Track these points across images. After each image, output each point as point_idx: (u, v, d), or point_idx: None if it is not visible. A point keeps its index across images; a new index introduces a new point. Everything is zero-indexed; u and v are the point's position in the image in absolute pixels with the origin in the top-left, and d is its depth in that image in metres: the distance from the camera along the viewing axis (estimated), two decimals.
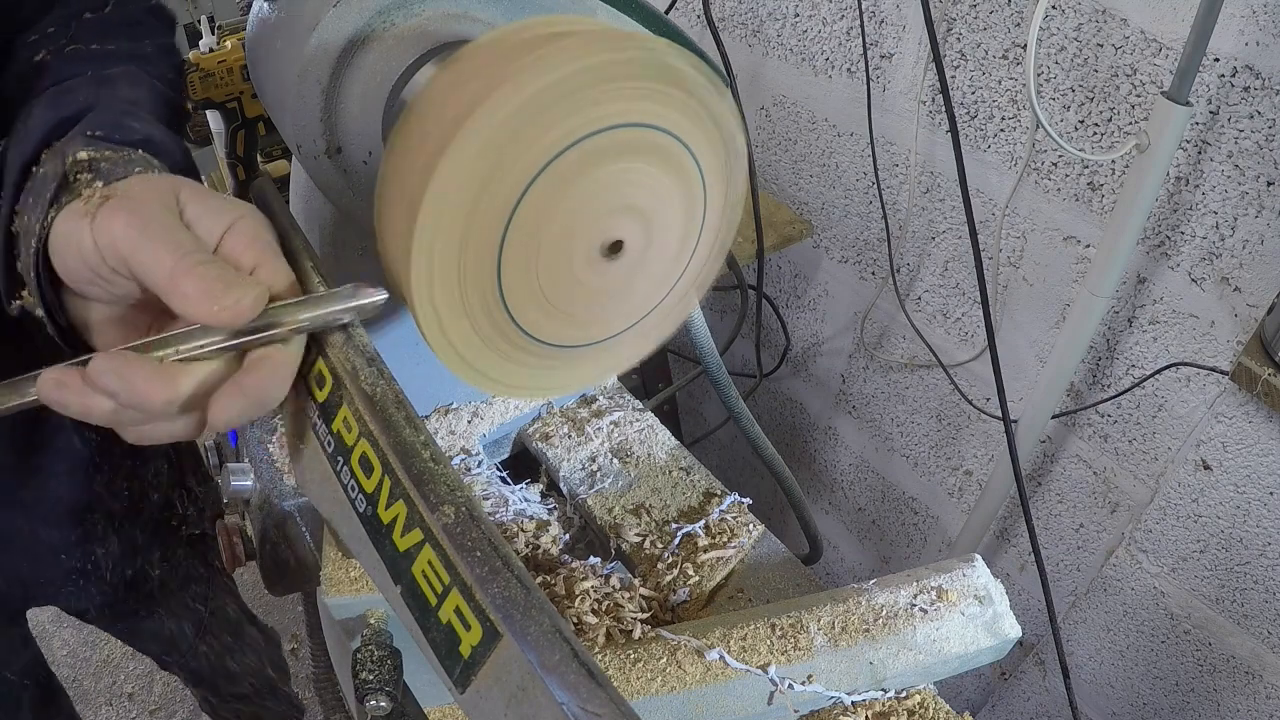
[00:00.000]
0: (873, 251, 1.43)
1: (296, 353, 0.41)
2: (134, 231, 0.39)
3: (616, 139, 0.39)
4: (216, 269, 0.38)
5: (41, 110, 0.52)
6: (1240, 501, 1.01)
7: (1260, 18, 0.84)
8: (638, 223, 0.43)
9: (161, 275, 0.38)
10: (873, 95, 1.27)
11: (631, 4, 0.56)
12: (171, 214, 0.41)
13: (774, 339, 1.69)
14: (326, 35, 0.48)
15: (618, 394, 0.82)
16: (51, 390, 0.38)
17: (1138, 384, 1.11)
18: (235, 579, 1.30)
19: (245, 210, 0.43)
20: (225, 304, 0.37)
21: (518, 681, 0.33)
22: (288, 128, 0.51)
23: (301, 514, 0.73)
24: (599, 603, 0.62)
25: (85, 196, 0.42)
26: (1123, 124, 1.00)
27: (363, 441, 0.39)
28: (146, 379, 0.37)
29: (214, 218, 0.42)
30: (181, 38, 1.48)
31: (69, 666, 1.99)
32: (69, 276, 0.43)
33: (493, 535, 0.36)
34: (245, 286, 0.38)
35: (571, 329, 0.45)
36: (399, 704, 0.55)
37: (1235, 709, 1.12)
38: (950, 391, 1.38)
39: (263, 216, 0.44)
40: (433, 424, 0.76)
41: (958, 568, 0.63)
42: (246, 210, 0.43)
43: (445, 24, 0.50)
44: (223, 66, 1.10)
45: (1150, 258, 1.04)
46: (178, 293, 0.38)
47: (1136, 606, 1.17)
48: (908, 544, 1.65)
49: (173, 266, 0.38)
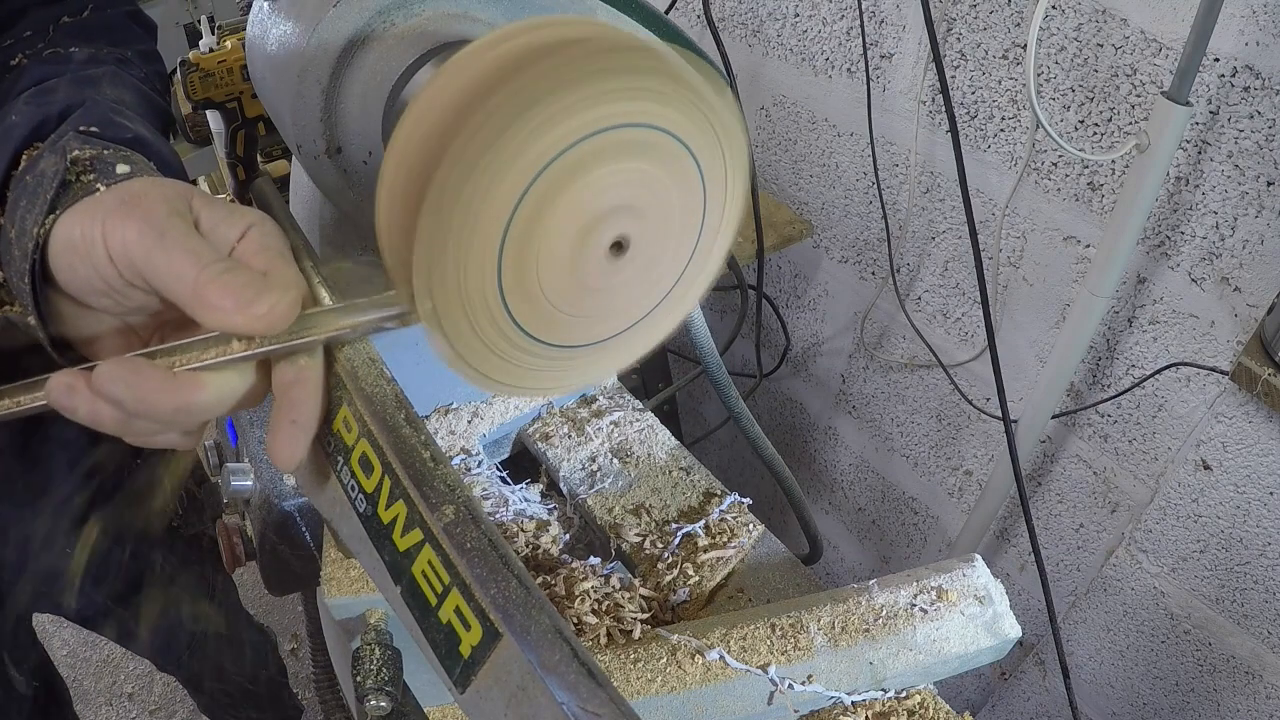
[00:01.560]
0: (873, 251, 1.43)
1: (320, 363, 0.40)
2: (149, 240, 0.38)
3: (616, 139, 0.39)
4: (245, 276, 0.37)
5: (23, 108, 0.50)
6: (1240, 501, 1.01)
7: (1260, 18, 0.84)
8: (638, 222, 0.43)
9: (184, 285, 0.37)
10: (873, 95, 1.27)
11: (631, 4, 0.56)
12: (186, 221, 0.40)
13: (774, 339, 1.69)
14: (326, 35, 0.48)
15: (618, 394, 0.82)
16: (61, 395, 0.37)
17: (1138, 384, 1.10)
18: (235, 579, 1.30)
19: (258, 217, 0.42)
20: (258, 311, 0.36)
21: (518, 681, 0.33)
22: (288, 128, 0.51)
23: (301, 514, 0.73)
24: (599, 603, 0.62)
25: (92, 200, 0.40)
26: (1123, 124, 1.00)
27: (363, 441, 0.39)
28: (156, 387, 0.36)
29: (228, 225, 0.40)
30: (181, 38, 1.48)
31: (69, 666, 1.99)
32: (74, 286, 0.41)
33: (493, 535, 0.36)
34: (279, 291, 0.37)
35: (572, 329, 0.45)
36: (399, 704, 0.55)
37: (1235, 709, 1.12)
38: (950, 391, 1.38)
39: (275, 223, 0.42)
40: (433, 424, 0.76)
41: (958, 568, 0.63)
42: (259, 217, 0.42)
43: (445, 24, 0.50)
44: (223, 66, 1.10)
45: (1150, 258, 1.04)
46: (205, 303, 0.36)
47: (1136, 606, 1.17)
48: (908, 544, 1.65)
49: (196, 276, 0.36)
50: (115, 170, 0.43)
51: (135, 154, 0.47)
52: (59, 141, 0.46)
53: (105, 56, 0.59)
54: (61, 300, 0.43)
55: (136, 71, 0.60)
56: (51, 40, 0.59)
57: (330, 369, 0.41)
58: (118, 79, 0.56)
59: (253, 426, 0.76)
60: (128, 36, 0.64)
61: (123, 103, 0.53)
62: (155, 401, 0.36)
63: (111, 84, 0.55)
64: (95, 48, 0.60)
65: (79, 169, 0.43)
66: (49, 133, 0.48)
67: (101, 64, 0.58)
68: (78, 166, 0.43)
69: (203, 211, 0.41)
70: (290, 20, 0.50)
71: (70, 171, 0.43)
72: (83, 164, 0.43)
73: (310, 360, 0.39)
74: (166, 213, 0.39)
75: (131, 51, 0.63)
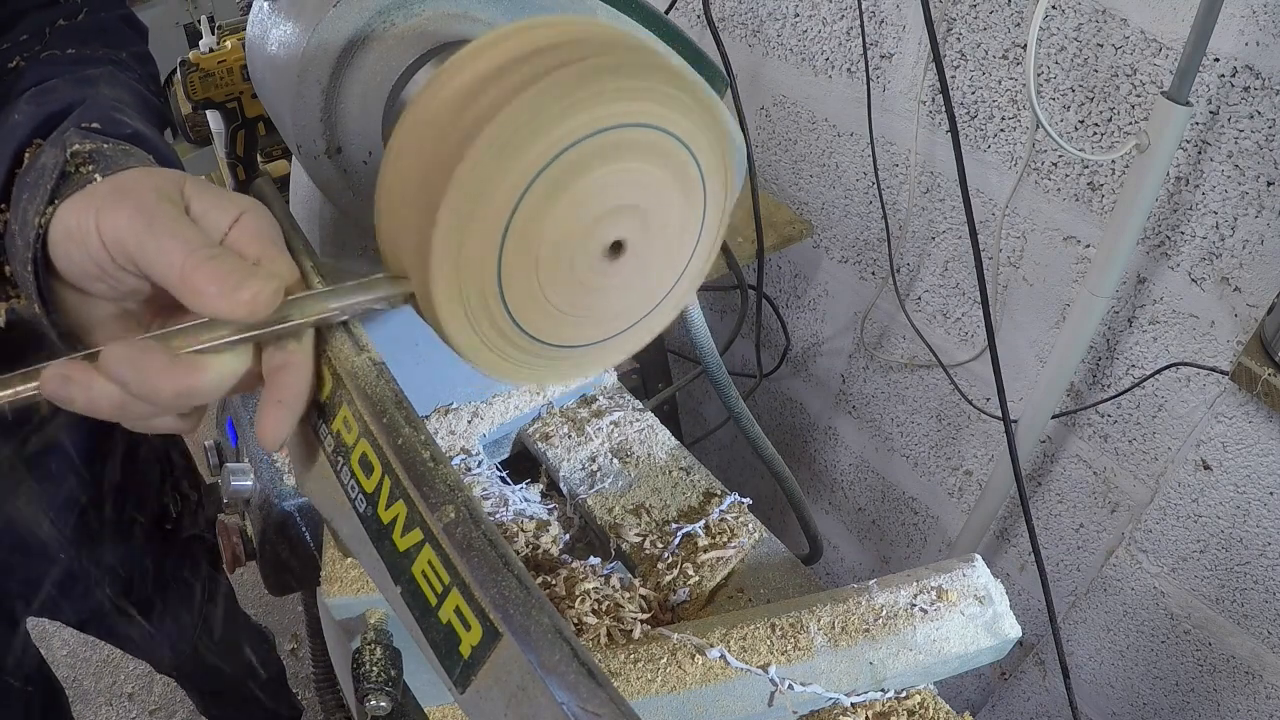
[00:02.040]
0: (873, 251, 1.43)
1: (309, 347, 0.41)
2: (140, 225, 0.38)
3: (616, 139, 0.39)
4: (230, 262, 0.38)
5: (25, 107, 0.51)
6: (1240, 501, 1.01)
7: (1260, 18, 0.84)
8: (638, 222, 0.43)
9: (172, 270, 0.37)
10: (873, 95, 1.27)
11: (631, 4, 0.56)
12: (176, 207, 0.40)
13: (774, 339, 1.69)
14: (326, 35, 0.48)
15: (618, 394, 0.82)
16: (56, 385, 0.37)
17: (1138, 384, 1.11)
18: (235, 579, 1.30)
19: (250, 204, 0.42)
20: (242, 298, 0.37)
21: (518, 681, 0.33)
22: (288, 128, 0.51)
23: (301, 514, 0.73)
24: (599, 603, 0.62)
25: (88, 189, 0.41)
26: (1123, 124, 1.00)
27: (363, 441, 0.39)
28: (160, 370, 0.37)
29: (220, 212, 0.41)
30: (181, 38, 1.48)
31: (69, 666, 1.99)
32: (72, 273, 0.42)
33: (493, 535, 0.36)
34: (262, 279, 0.37)
35: (572, 329, 0.45)
36: (399, 704, 0.55)
37: (1235, 709, 1.12)
38: (950, 391, 1.38)
39: (267, 211, 0.43)
40: (433, 424, 0.76)
41: (958, 568, 0.63)
42: (251, 204, 0.42)
43: (445, 24, 0.50)
44: (223, 66, 1.10)
45: (1150, 258, 1.04)
46: (190, 288, 0.37)
47: (1136, 606, 1.17)
48: (908, 544, 1.65)
49: (183, 261, 0.37)
50: (114, 163, 0.44)
51: (134, 148, 0.47)
52: (60, 137, 0.46)
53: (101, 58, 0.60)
54: (64, 289, 0.44)
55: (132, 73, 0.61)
56: (48, 43, 0.60)
57: (321, 353, 0.41)
58: (114, 79, 0.57)
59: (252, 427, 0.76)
60: (122, 39, 0.65)
61: (121, 101, 0.54)
62: (158, 383, 0.37)
63: (109, 84, 0.55)
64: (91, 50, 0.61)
65: (78, 161, 0.44)
66: (50, 130, 0.49)
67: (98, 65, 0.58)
68: (77, 159, 0.44)
69: (194, 198, 0.41)
70: (290, 20, 0.50)
71: (70, 163, 0.44)
72: (82, 156, 0.44)
73: (298, 344, 0.40)
74: (157, 199, 0.40)
75: (126, 53, 0.63)
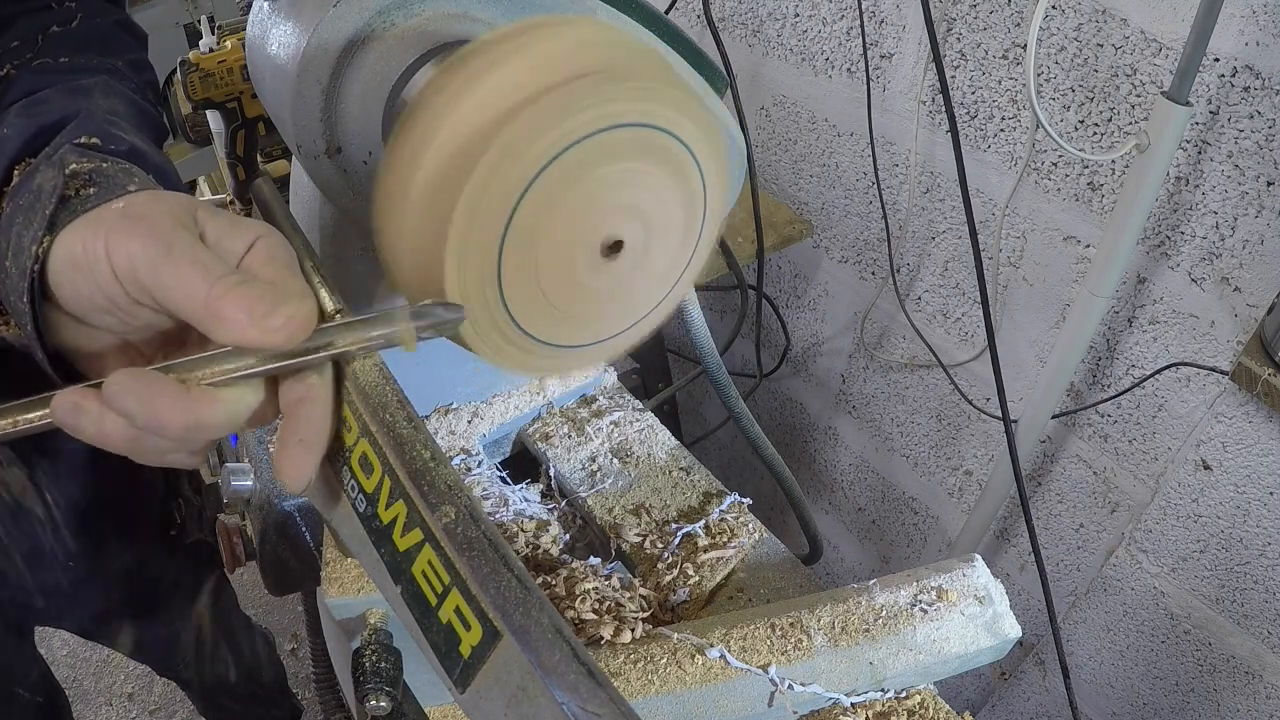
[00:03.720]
0: (873, 251, 1.43)
1: (329, 380, 0.39)
2: (155, 253, 0.36)
3: (616, 139, 0.39)
4: (258, 288, 0.36)
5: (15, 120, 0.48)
6: (1240, 501, 1.01)
7: (1260, 18, 0.84)
8: (638, 222, 0.43)
9: (194, 299, 0.35)
10: (873, 95, 1.27)
11: (631, 4, 0.56)
12: (192, 233, 0.38)
13: (774, 339, 1.69)
14: (326, 35, 0.48)
15: (618, 394, 0.82)
16: (67, 414, 0.35)
17: (1138, 384, 1.10)
18: (235, 579, 1.30)
19: (265, 229, 0.41)
20: (274, 324, 0.35)
21: (518, 681, 0.33)
22: (288, 128, 0.51)
23: (301, 514, 0.73)
24: (599, 603, 0.62)
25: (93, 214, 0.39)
26: (1123, 124, 1.00)
27: (363, 441, 0.39)
28: (170, 402, 0.35)
29: (234, 238, 0.39)
30: (181, 38, 1.48)
31: (69, 667, 1.99)
32: (77, 305, 0.40)
33: (493, 535, 0.36)
34: (295, 303, 0.36)
35: (572, 329, 0.45)
36: (399, 704, 0.55)
37: (1235, 709, 1.12)
38: (950, 391, 1.38)
39: (281, 235, 0.41)
40: (433, 424, 0.76)
41: (958, 568, 0.63)
42: (265, 229, 0.41)
43: (445, 24, 0.50)
44: (223, 66, 1.10)
45: (1150, 258, 1.04)
46: (216, 316, 0.35)
47: (1136, 606, 1.17)
48: (908, 544, 1.65)
49: (208, 290, 0.35)
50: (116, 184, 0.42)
51: (133, 166, 0.45)
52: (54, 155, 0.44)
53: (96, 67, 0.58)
54: (60, 318, 0.41)
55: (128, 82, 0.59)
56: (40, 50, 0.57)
57: (339, 385, 0.40)
58: (109, 89, 0.54)
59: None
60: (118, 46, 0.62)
61: (116, 113, 0.52)
62: (167, 416, 0.35)
63: (104, 94, 0.53)
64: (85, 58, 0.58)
65: (78, 183, 0.42)
66: (42, 145, 0.46)
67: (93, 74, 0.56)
68: (76, 181, 0.42)
69: (208, 223, 0.40)
70: (290, 20, 0.50)
71: (69, 186, 0.42)
72: (81, 178, 0.42)
73: (319, 377, 0.38)
74: (171, 225, 0.38)
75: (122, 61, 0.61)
